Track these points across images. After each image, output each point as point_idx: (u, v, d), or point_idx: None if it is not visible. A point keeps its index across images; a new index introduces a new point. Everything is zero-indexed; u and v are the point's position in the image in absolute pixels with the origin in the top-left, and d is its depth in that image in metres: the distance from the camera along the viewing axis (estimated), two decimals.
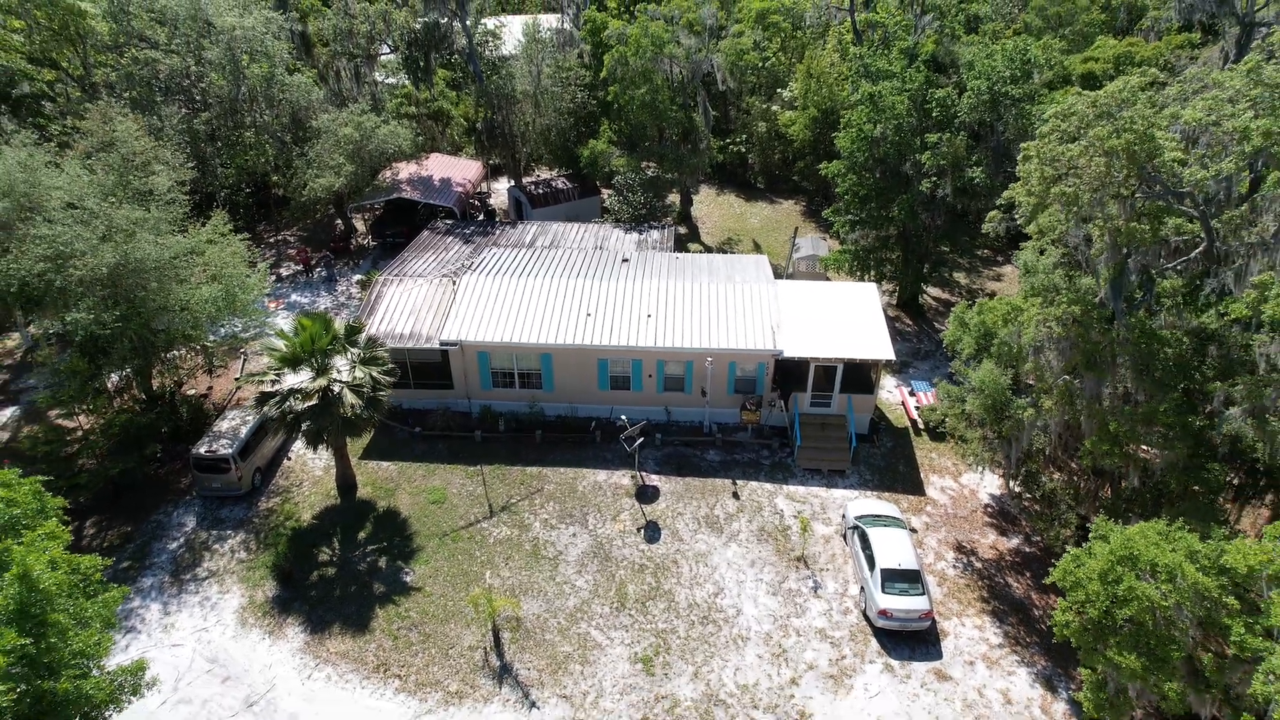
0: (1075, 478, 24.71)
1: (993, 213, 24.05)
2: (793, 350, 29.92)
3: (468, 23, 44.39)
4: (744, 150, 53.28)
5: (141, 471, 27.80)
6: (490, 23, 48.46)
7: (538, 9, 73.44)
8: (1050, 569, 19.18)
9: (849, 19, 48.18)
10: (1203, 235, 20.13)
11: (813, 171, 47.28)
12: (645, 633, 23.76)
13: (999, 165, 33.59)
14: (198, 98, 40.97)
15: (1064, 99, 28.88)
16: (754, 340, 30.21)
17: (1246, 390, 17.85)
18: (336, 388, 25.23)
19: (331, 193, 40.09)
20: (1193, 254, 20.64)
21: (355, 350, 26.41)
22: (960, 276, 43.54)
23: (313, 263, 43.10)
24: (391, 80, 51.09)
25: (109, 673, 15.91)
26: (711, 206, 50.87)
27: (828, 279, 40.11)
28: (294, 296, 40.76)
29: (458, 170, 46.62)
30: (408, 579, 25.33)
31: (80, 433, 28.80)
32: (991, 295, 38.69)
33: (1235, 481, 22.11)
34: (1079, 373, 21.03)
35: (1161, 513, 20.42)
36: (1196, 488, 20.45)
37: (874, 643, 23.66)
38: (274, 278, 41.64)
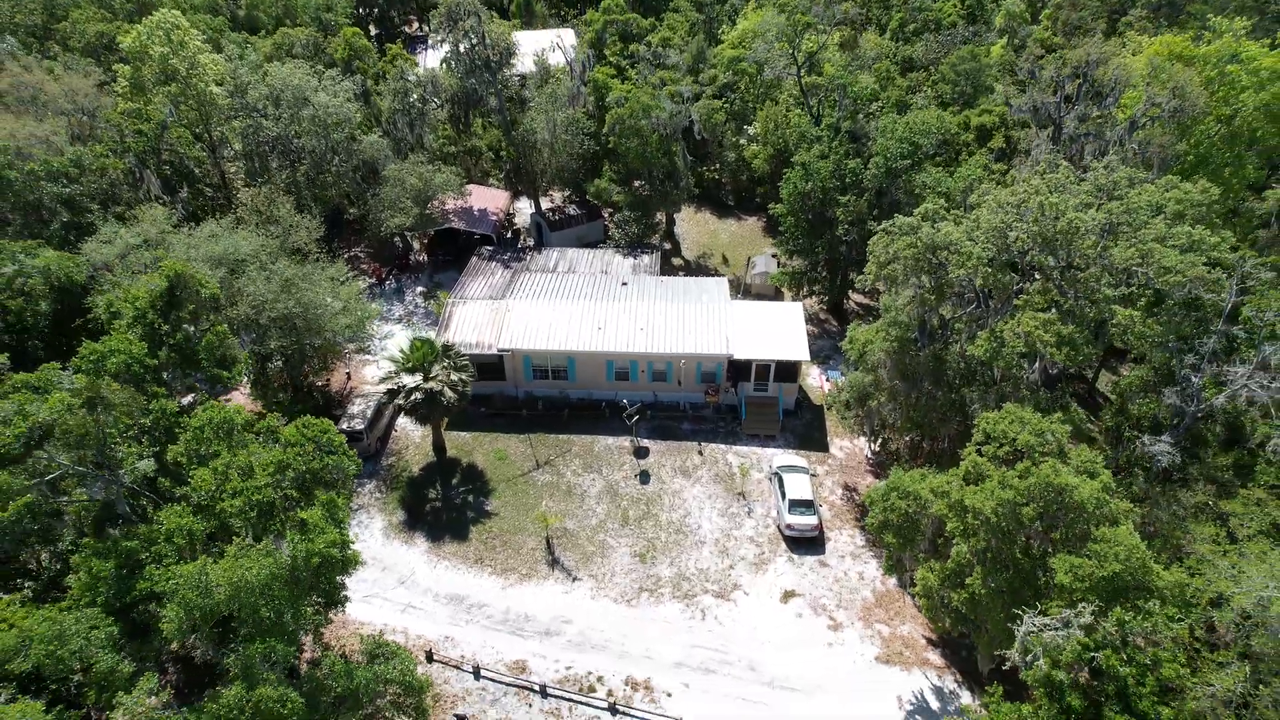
0: (913, 441, 38.72)
1: (861, 276, 37.59)
2: (741, 353, 43.61)
3: (498, 87, 56.81)
4: (718, 176, 66.28)
5: None
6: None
7: (544, 20, 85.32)
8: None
9: (797, 78, 60.66)
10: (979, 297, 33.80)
11: (771, 196, 60.31)
12: (640, 539, 37.99)
13: (891, 218, 46.87)
14: (293, 154, 53.61)
15: (933, 172, 42.08)
16: (714, 347, 43.87)
17: (977, 394, 31.72)
18: (438, 385, 38.87)
19: (401, 227, 53.09)
20: (970, 308, 34.36)
21: (448, 360, 39.99)
22: (881, 284, 56.92)
23: (384, 277, 56.36)
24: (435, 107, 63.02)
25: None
26: (691, 224, 64.04)
27: (778, 289, 53.74)
28: (374, 305, 53.95)
29: (490, 200, 59.63)
30: (488, 508, 39.45)
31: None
32: None
33: None
34: (901, 379, 34.85)
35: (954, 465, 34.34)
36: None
37: (782, 545, 37.93)
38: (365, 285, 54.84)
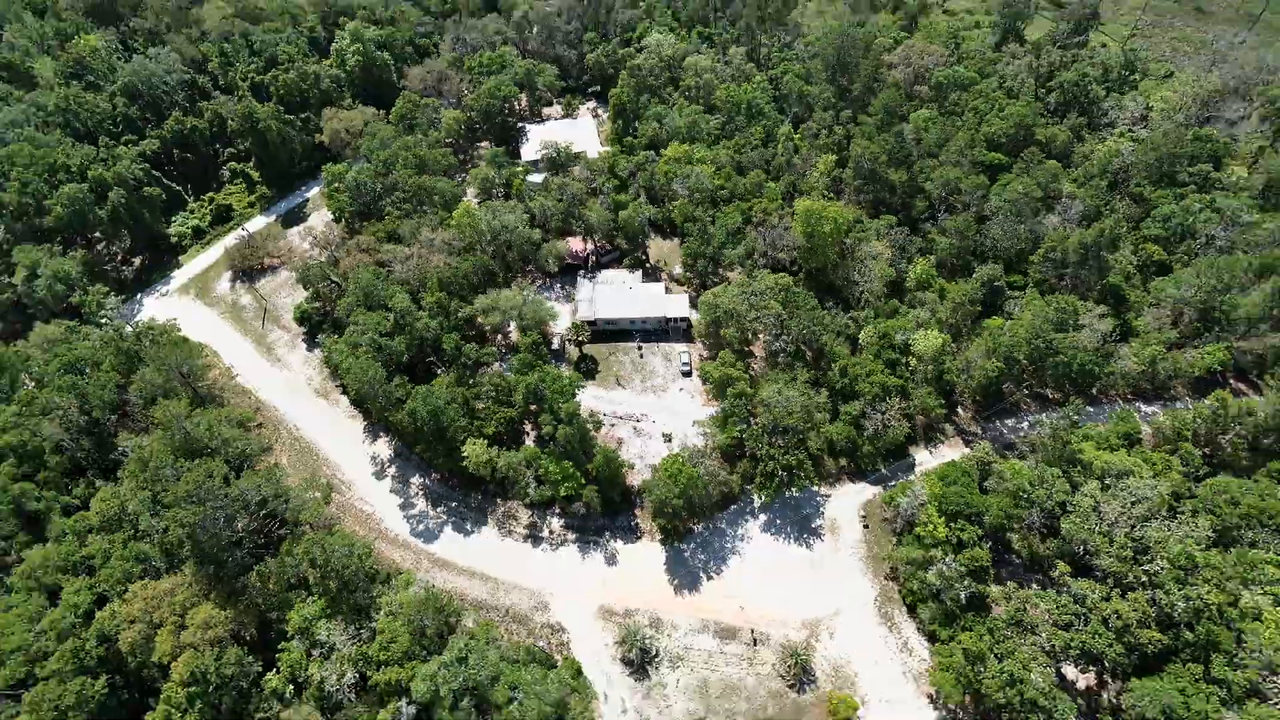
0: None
1: (714, 283, 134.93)
2: (669, 314, 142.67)
3: (575, 203, 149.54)
4: (663, 218, 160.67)
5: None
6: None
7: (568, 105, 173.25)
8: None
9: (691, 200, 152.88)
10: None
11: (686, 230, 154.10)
12: (641, 378, 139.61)
13: (717, 268, 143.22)
14: (510, 246, 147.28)
15: (732, 248, 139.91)
16: (661, 312, 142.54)
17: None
18: (581, 336, 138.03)
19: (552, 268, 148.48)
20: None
21: (583, 331, 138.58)
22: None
23: (544, 281, 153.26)
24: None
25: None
26: (652, 244, 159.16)
27: (681, 280, 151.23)
28: (544, 295, 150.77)
29: (576, 244, 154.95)
30: (597, 370, 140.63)
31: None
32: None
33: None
34: (710, 338, 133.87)
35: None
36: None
37: (681, 375, 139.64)
38: (536, 286, 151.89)
